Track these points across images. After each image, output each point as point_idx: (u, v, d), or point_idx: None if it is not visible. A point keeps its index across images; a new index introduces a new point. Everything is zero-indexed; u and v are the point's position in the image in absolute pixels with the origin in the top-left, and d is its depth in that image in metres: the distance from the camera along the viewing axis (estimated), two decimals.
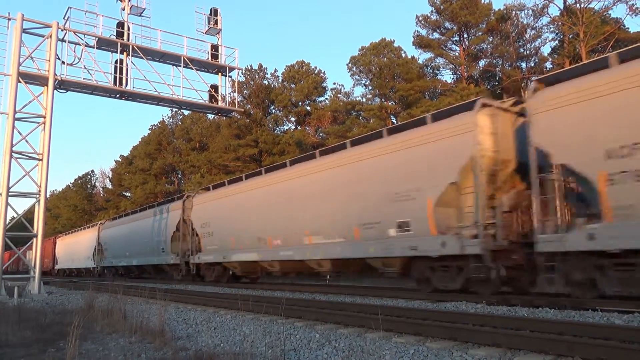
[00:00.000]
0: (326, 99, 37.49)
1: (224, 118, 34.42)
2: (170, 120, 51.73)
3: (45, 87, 16.30)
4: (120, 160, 59.63)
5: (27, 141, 16.07)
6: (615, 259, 7.70)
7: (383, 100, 31.52)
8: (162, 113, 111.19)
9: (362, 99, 33.48)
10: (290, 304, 8.33)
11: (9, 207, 15.51)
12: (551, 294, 9.28)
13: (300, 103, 37.52)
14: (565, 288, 8.61)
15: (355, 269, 13.57)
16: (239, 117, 35.20)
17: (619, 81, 7.84)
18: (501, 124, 9.92)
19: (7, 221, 15.72)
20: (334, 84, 54.50)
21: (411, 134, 11.12)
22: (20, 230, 17.39)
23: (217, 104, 19.44)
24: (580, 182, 8.44)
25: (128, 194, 56.79)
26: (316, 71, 37.93)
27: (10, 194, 15.48)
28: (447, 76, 32.93)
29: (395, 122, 31.28)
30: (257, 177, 16.94)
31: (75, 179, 71.18)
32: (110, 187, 63.57)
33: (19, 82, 15.71)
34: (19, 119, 15.86)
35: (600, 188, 7.77)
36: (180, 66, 18.59)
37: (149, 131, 53.24)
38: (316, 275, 17.00)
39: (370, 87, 32.81)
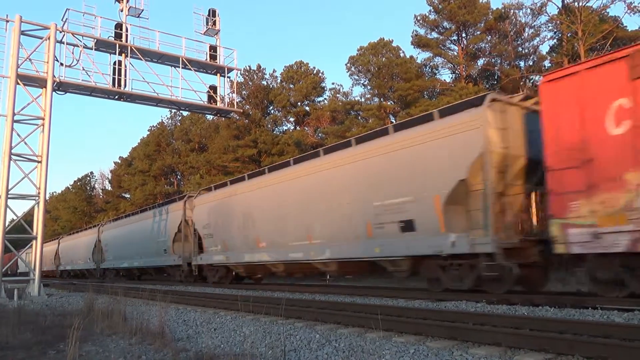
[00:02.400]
0: (325, 99, 37.54)
1: (223, 119, 34.44)
2: (169, 121, 51.74)
3: (44, 88, 16.28)
4: (119, 161, 59.63)
5: (26, 143, 16.06)
6: None
7: (382, 100, 31.52)
8: (161, 114, 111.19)
9: (360, 98, 33.50)
10: (290, 305, 8.33)
11: (8, 209, 15.51)
12: (552, 292, 9.32)
13: (299, 103, 37.52)
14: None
15: None
16: (237, 117, 35.18)
17: None
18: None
19: (7, 223, 15.71)
20: (333, 84, 54.59)
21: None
22: (19, 232, 17.38)
23: (216, 104, 19.44)
24: None
25: (127, 196, 56.77)
26: (315, 71, 37.96)
27: (9, 196, 15.46)
28: (445, 75, 32.98)
29: (394, 121, 31.31)
30: None
31: (75, 181, 71.14)
32: (109, 188, 63.52)
33: (18, 84, 15.69)
34: (17, 121, 15.85)
35: None
36: (178, 67, 18.58)
37: (148, 132, 53.25)
38: None
39: (368, 87, 32.82)
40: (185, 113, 46.33)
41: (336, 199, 12.71)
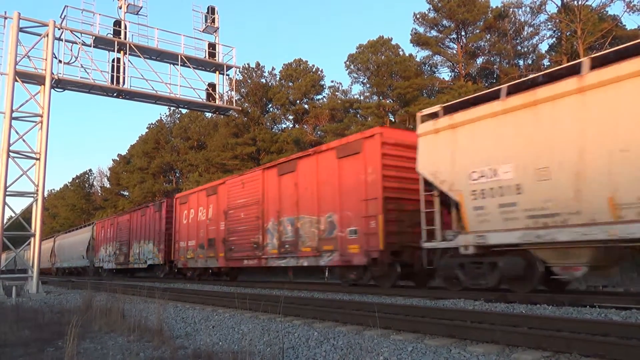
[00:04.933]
0: (324, 97, 37.50)
1: (222, 116, 34.40)
2: (168, 118, 51.66)
3: (42, 86, 16.26)
4: (118, 159, 59.57)
5: (24, 140, 16.07)
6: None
7: (381, 98, 31.52)
8: (160, 112, 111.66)
9: (359, 97, 33.49)
10: (289, 302, 8.32)
11: (6, 206, 15.49)
12: (550, 291, 9.33)
13: (297, 101, 37.49)
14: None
15: None
16: (236, 115, 35.17)
17: None
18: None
19: (5, 221, 15.69)
20: (332, 82, 54.21)
21: None
22: (18, 229, 17.36)
23: (215, 102, 19.43)
24: None
25: (126, 193, 56.73)
26: (314, 69, 37.92)
27: (7, 193, 15.44)
28: (444, 74, 32.95)
29: (393, 120, 31.32)
30: None
31: (73, 178, 71.27)
32: (108, 186, 63.49)
33: (16, 81, 15.66)
34: (16, 118, 15.83)
35: None
36: (177, 65, 18.57)
37: (147, 130, 53.22)
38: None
39: (368, 85, 32.83)
40: (184, 111, 46.37)
41: (71, 248, 36.14)
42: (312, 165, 13.31)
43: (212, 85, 19.46)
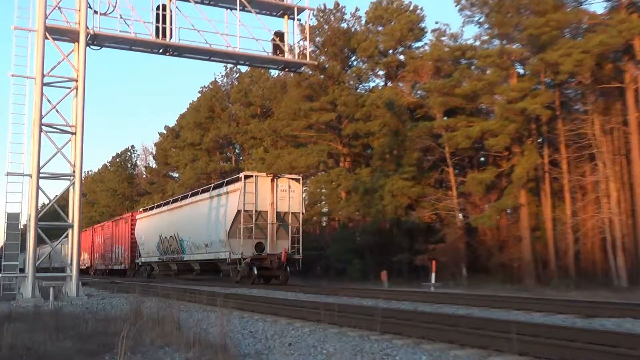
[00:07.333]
0: (425, 44, 36.69)
1: (292, 75, 34.80)
2: (225, 79, 52.92)
3: (76, 43, 17.20)
4: (165, 132, 61.81)
5: (57, 111, 17.07)
6: None
7: (505, 42, 30.24)
8: (215, 71, 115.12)
9: (475, 42, 32.35)
10: (386, 316, 8.31)
11: (40, 191, 16.54)
12: None
13: (390, 51, 37.01)
14: None
15: None
16: (311, 72, 35.39)
17: None
18: None
19: (39, 209, 16.76)
20: (436, 23, 53.03)
21: None
22: (53, 219, 18.60)
23: (283, 56, 19.61)
24: None
25: (176, 175, 59.23)
26: (411, 7, 37.17)
27: (40, 175, 16.50)
28: (596, 4, 30.93)
29: (522, 72, 29.99)
30: None
31: (113, 157, 75.01)
32: (154, 166, 66.35)
33: (46, 38, 16.65)
34: (47, 84, 16.83)
35: None
36: (236, 9, 18.81)
37: (199, 95, 54.43)
38: None
39: (486, 26, 31.60)
40: (244, 69, 47.51)
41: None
42: (120, 224, 43.13)
43: (279, 35, 19.62)
